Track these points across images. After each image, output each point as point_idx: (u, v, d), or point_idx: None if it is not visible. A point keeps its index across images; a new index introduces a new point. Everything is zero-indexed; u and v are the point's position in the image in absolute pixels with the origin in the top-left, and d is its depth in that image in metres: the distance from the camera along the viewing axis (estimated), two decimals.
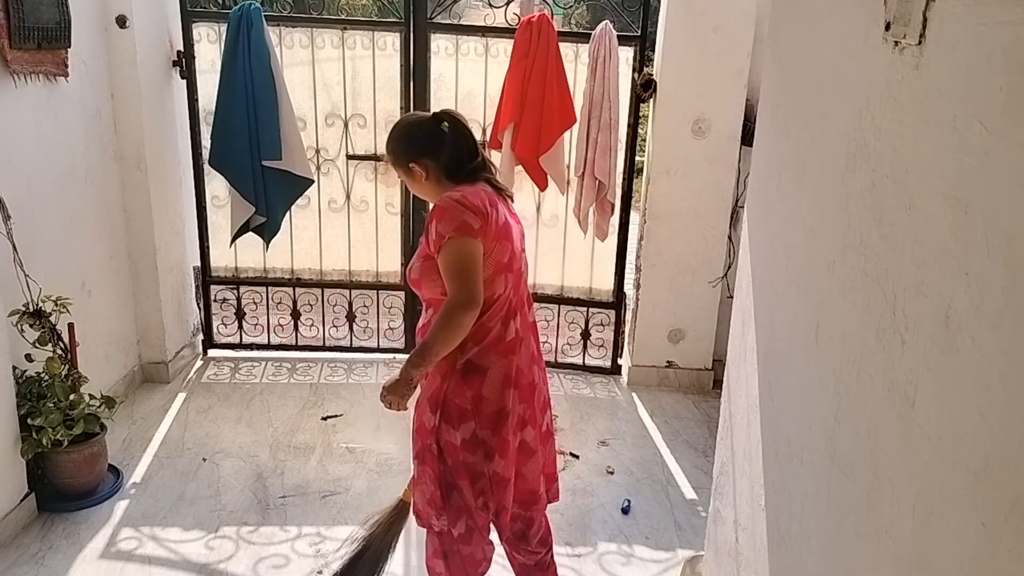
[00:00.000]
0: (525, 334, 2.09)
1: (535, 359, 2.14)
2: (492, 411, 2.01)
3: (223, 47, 3.56)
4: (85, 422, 2.80)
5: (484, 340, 2.00)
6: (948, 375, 1.03)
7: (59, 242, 3.08)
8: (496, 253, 1.95)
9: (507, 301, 2.02)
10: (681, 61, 3.65)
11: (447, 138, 2.01)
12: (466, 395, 2.01)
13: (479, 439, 2.03)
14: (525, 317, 2.10)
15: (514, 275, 2.02)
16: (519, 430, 2.08)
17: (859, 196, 1.34)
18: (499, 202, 2.02)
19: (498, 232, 1.95)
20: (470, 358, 2.00)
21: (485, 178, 2.04)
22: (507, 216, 2.03)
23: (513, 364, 2.03)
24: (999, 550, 0.90)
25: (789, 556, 1.63)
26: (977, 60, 1.00)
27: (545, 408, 2.20)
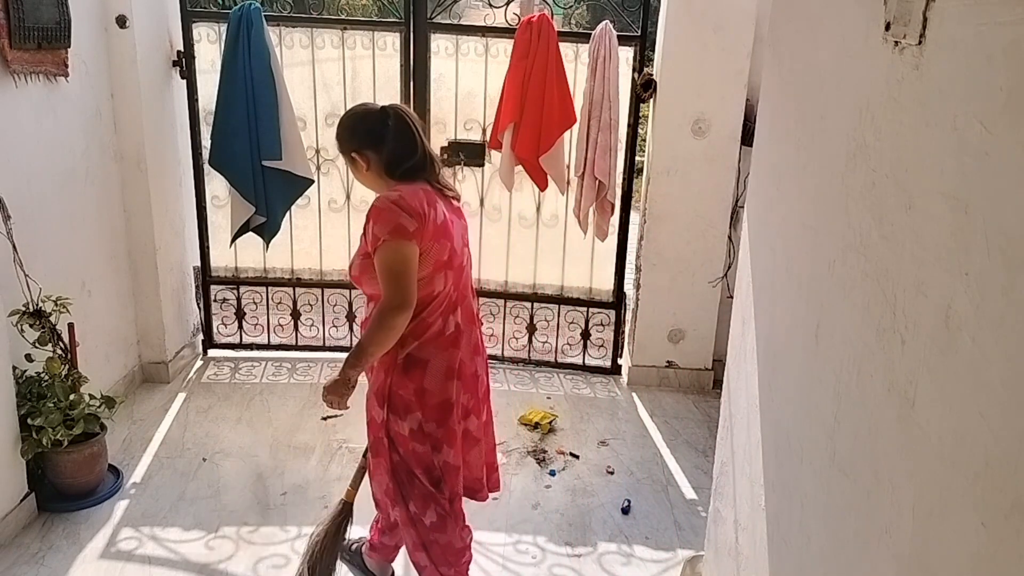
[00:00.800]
0: (467, 327, 2.13)
1: (478, 350, 2.19)
2: (436, 403, 2.07)
3: (223, 47, 3.56)
4: (85, 422, 2.80)
5: (424, 335, 2.04)
6: (948, 375, 1.03)
7: (59, 242, 3.08)
8: (434, 252, 1.98)
9: (447, 297, 2.06)
10: (681, 61, 3.65)
11: (390, 133, 2.03)
12: (409, 388, 2.06)
13: (426, 432, 2.08)
14: (468, 310, 2.15)
15: (455, 271, 2.06)
16: (463, 419, 2.15)
17: (859, 196, 1.34)
18: (439, 200, 2.04)
19: (436, 232, 1.97)
20: (411, 352, 2.05)
21: (425, 177, 2.06)
22: (447, 214, 2.05)
23: (455, 356, 2.08)
24: (999, 550, 0.90)
25: (789, 556, 1.63)
26: (977, 60, 1.00)
27: (487, 398, 2.26)
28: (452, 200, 2.14)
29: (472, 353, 2.15)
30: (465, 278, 2.14)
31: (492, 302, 4.14)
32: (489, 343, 4.19)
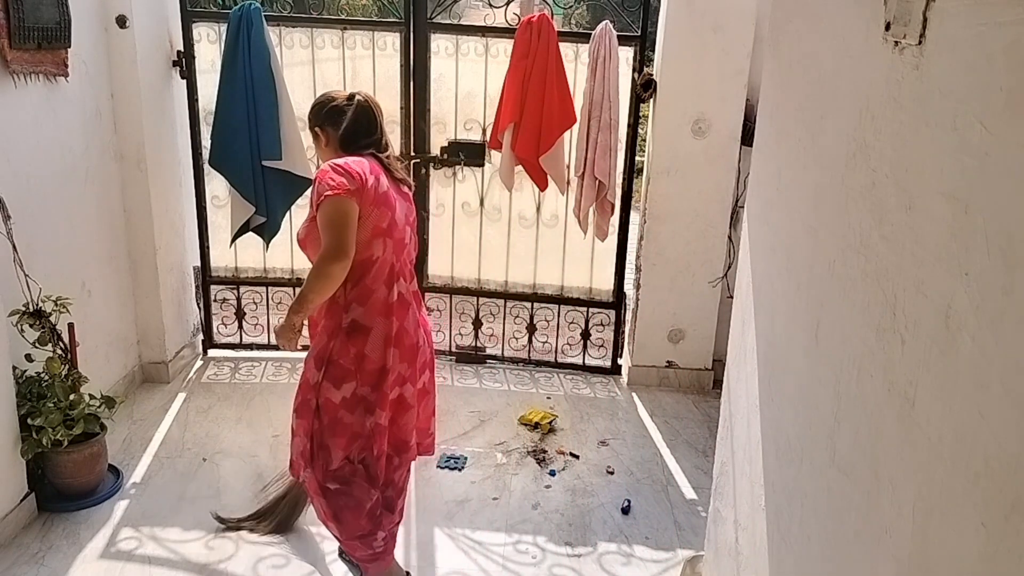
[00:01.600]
0: (409, 298, 2.30)
1: (421, 323, 2.35)
2: (374, 368, 2.21)
3: (223, 47, 3.56)
4: (85, 422, 2.80)
5: (367, 301, 2.19)
6: (948, 375, 1.03)
7: (59, 242, 3.08)
8: (373, 217, 2.14)
9: (388, 264, 2.21)
10: (681, 61, 3.65)
11: (349, 115, 2.25)
12: (350, 354, 2.20)
13: (359, 396, 2.22)
14: (411, 284, 2.32)
15: (395, 242, 2.22)
16: (398, 386, 2.29)
17: (859, 196, 1.34)
18: (383, 175, 2.22)
19: (376, 199, 2.14)
20: (355, 318, 2.19)
21: (374, 154, 2.25)
22: (391, 190, 2.22)
23: (395, 325, 2.22)
24: (999, 550, 0.90)
25: (789, 556, 1.63)
26: (977, 60, 1.00)
27: (425, 369, 2.41)
28: (400, 184, 2.31)
29: (415, 326, 2.31)
30: (407, 255, 2.31)
31: (492, 302, 4.14)
32: (489, 343, 4.20)
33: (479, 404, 3.78)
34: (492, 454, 3.34)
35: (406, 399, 2.32)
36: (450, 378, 4.04)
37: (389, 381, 2.23)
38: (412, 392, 2.33)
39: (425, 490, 3.06)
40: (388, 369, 2.21)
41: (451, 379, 4.04)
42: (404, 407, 2.33)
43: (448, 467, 3.22)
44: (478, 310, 4.16)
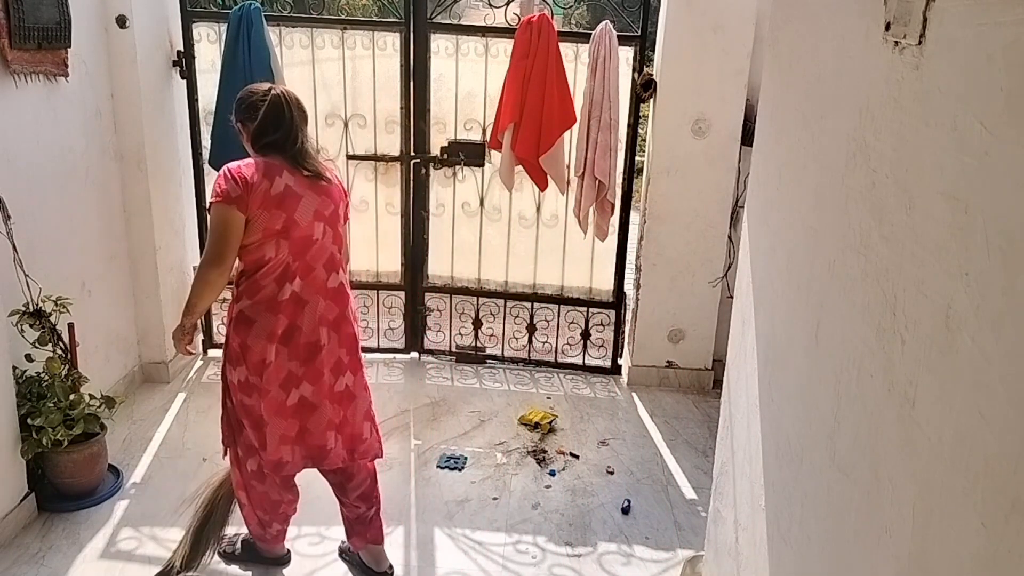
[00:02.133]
0: (312, 298, 2.25)
1: (330, 324, 2.30)
2: (256, 360, 2.24)
3: (223, 47, 3.56)
4: (85, 422, 2.80)
5: (256, 296, 2.22)
6: (948, 375, 1.03)
7: (59, 242, 3.08)
8: (263, 220, 2.15)
9: (282, 264, 2.20)
10: (681, 61, 3.65)
11: (260, 111, 2.22)
12: (236, 341, 2.26)
13: (250, 384, 2.27)
14: (316, 283, 2.26)
15: (292, 243, 2.20)
16: (293, 386, 2.27)
17: (859, 196, 1.34)
18: (288, 175, 2.20)
19: (266, 202, 2.14)
20: (242, 309, 2.24)
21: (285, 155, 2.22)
22: (294, 188, 2.19)
23: (281, 321, 2.22)
24: (999, 550, 0.90)
25: (789, 556, 1.63)
26: (977, 60, 1.00)
27: (340, 371, 2.35)
28: (317, 181, 2.26)
29: (315, 324, 2.26)
30: (316, 252, 2.25)
31: (492, 302, 4.14)
32: (489, 343, 4.20)
33: (479, 404, 3.78)
34: (492, 454, 3.34)
35: (308, 400, 2.30)
36: (450, 378, 4.04)
37: (269, 375, 2.24)
38: (313, 391, 2.30)
39: (425, 490, 3.06)
40: (269, 363, 2.23)
41: (451, 379, 4.04)
42: (308, 409, 2.31)
43: (448, 467, 3.22)
44: (478, 310, 4.16)
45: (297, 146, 2.25)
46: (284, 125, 2.23)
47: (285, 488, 2.46)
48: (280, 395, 2.26)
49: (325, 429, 2.34)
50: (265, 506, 2.46)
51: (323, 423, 2.33)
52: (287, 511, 2.51)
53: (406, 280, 4.12)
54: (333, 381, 2.33)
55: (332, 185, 2.31)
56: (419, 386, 3.94)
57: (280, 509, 2.49)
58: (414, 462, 3.25)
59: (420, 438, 3.45)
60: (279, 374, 2.25)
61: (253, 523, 2.52)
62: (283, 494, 2.46)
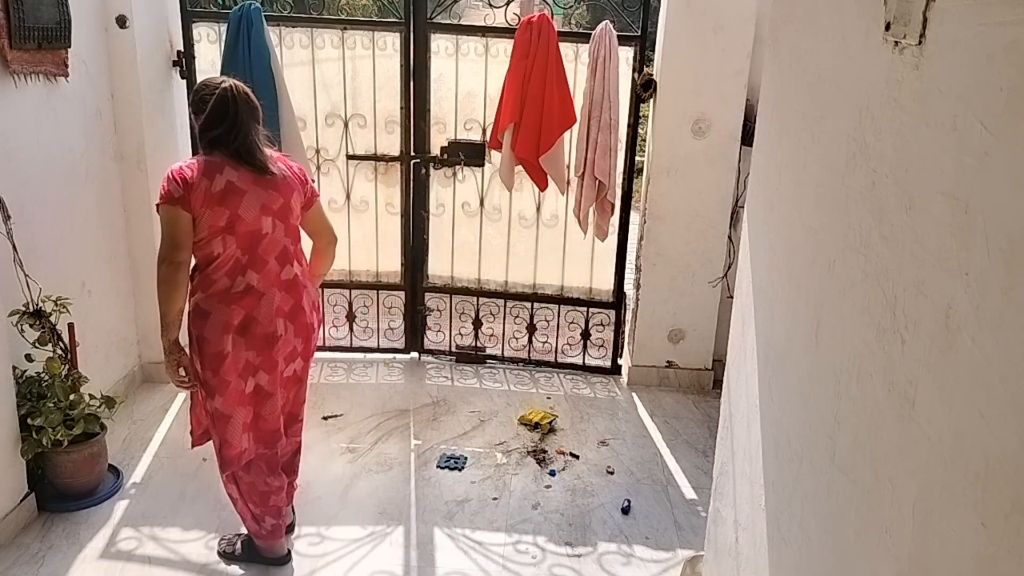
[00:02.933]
0: (268, 290, 2.30)
1: (285, 314, 2.35)
2: (212, 352, 2.28)
3: (223, 47, 3.56)
4: (85, 422, 2.80)
5: (209, 289, 2.27)
6: (948, 375, 1.03)
7: (59, 242, 3.08)
8: (207, 218, 2.21)
9: (232, 259, 2.26)
10: (681, 61, 3.65)
11: (208, 104, 2.26)
12: (193, 334, 2.31)
13: (204, 379, 2.32)
14: (270, 275, 2.30)
15: (239, 237, 2.24)
16: (250, 375, 2.33)
17: (859, 196, 1.34)
18: (229, 171, 2.23)
19: (208, 199, 2.19)
20: (197, 302, 2.29)
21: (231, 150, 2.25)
22: (238, 184, 2.23)
23: (236, 313, 2.27)
24: (999, 550, 0.90)
25: (789, 556, 1.63)
26: (977, 60, 1.00)
27: (292, 358, 2.42)
28: (263, 175, 2.28)
29: (272, 315, 2.31)
30: (267, 245, 2.29)
31: (492, 302, 4.14)
32: (489, 343, 4.20)
33: (479, 404, 3.78)
34: (492, 454, 3.34)
35: (264, 387, 2.37)
36: (450, 378, 4.04)
37: (227, 366, 2.28)
38: (269, 380, 2.36)
39: (425, 490, 3.07)
40: (226, 354, 2.27)
41: (451, 379, 4.04)
42: (264, 396, 2.38)
43: (448, 467, 3.22)
44: (478, 310, 4.16)
45: (240, 141, 2.26)
46: (228, 119, 2.25)
47: (271, 474, 2.49)
48: (239, 384, 2.32)
49: (278, 415, 2.43)
50: (255, 498, 2.50)
51: (276, 410, 2.41)
52: (277, 503, 2.53)
53: (406, 280, 4.12)
54: (284, 367, 2.41)
55: (280, 178, 2.33)
56: (419, 386, 3.94)
57: (270, 501, 2.51)
58: (414, 462, 3.25)
59: (420, 438, 3.45)
60: (237, 364, 2.30)
61: (248, 519, 2.55)
62: (270, 482, 2.49)
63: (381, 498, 2.99)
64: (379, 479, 3.12)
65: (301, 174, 2.44)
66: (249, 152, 2.27)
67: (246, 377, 2.33)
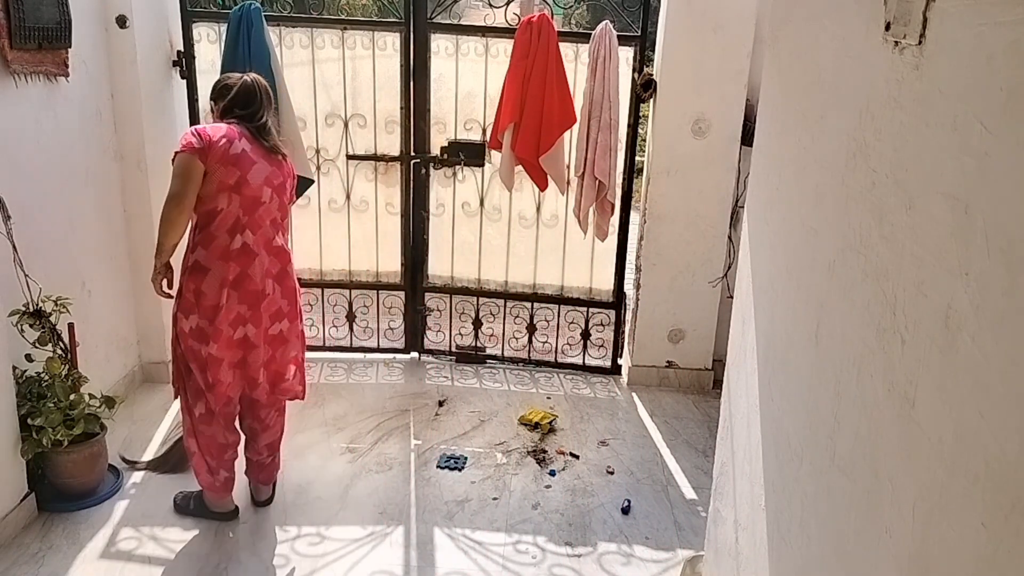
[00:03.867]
0: (260, 251, 2.56)
1: (274, 276, 2.61)
2: (209, 305, 2.52)
3: (223, 47, 3.56)
4: (85, 422, 2.80)
5: (209, 245, 2.52)
6: (948, 375, 1.03)
7: (59, 242, 3.08)
8: (219, 174, 2.46)
9: (233, 216, 2.51)
10: (681, 61, 3.65)
11: (233, 91, 2.59)
12: (191, 288, 2.53)
13: (200, 328, 2.55)
14: (264, 238, 2.57)
15: (243, 198, 2.50)
16: (239, 325, 2.58)
17: (859, 196, 1.34)
18: (246, 141, 2.52)
19: (224, 158, 2.46)
20: (197, 258, 2.53)
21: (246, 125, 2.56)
22: (251, 154, 2.52)
23: (233, 269, 2.52)
24: (999, 550, 0.90)
25: (789, 556, 1.63)
26: (977, 60, 1.00)
27: (279, 318, 2.67)
28: (273, 154, 2.60)
29: (263, 275, 2.57)
30: (263, 211, 2.56)
31: (492, 302, 4.14)
32: (489, 343, 4.20)
33: (479, 404, 3.78)
34: (492, 454, 3.34)
35: (250, 339, 2.61)
36: (450, 378, 4.04)
37: (221, 317, 2.52)
38: (256, 333, 2.61)
39: (425, 490, 3.07)
40: (221, 307, 2.52)
41: (451, 379, 4.04)
42: (250, 346, 2.62)
43: (448, 467, 3.22)
44: (478, 310, 4.16)
45: (260, 120, 2.59)
46: (253, 104, 2.59)
47: (228, 430, 2.73)
48: (230, 332, 2.57)
49: (260, 365, 2.67)
50: (212, 450, 2.71)
51: (259, 360, 2.66)
52: (232, 456, 2.77)
53: (406, 280, 4.12)
54: (270, 325, 2.65)
55: (285, 163, 2.66)
56: (419, 386, 3.94)
57: (226, 454, 2.74)
58: (414, 462, 3.25)
59: (420, 438, 3.45)
60: (229, 315, 2.55)
61: (203, 471, 2.74)
62: (227, 436, 2.73)
63: (381, 498, 2.99)
64: (379, 479, 3.12)
65: (292, 168, 2.75)
66: (266, 131, 2.60)
67: (236, 327, 2.57)
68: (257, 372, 2.67)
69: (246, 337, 2.61)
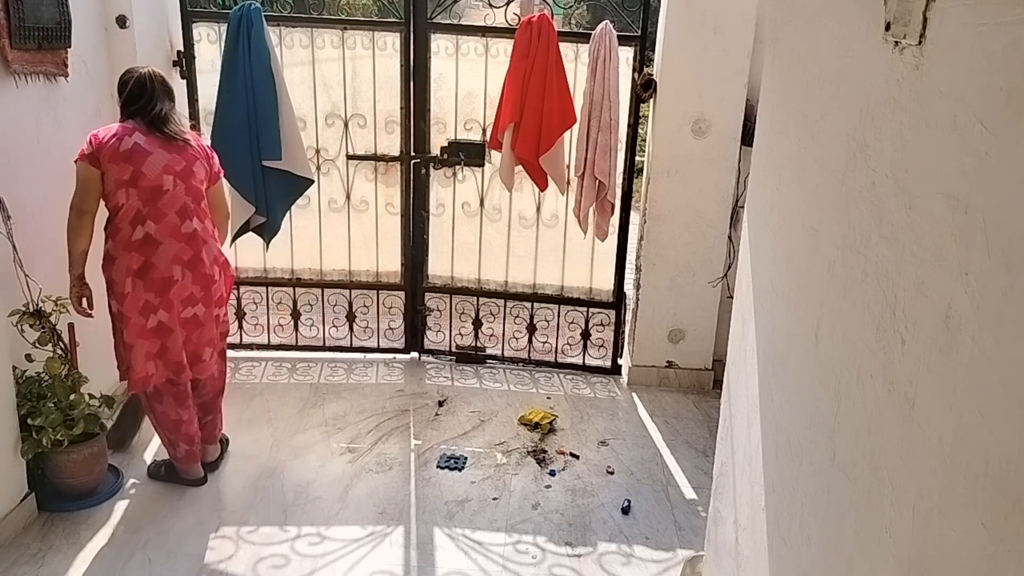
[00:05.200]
0: (165, 240, 2.70)
1: (184, 263, 2.74)
2: (118, 292, 2.71)
3: (223, 47, 3.56)
4: (85, 422, 2.80)
5: (116, 237, 2.69)
6: (948, 375, 1.03)
7: (59, 242, 3.07)
8: (113, 172, 2.64)
9: (133, 209, 2.67)
10: (681, 61, 3.65)
11: (125, 89, 2.74)
12: (106, 276, 2.74)
13: (120, 312, 2.74)
14: (169, 227, 2.70)
15: (140, 191, 2.66)
16: (150, 312, 2.73)
17: (859, 196, 1.34)
18: (138, 135, 2.67)
19: (115, 156, 2.63)
20: (107, 249, 2.72)
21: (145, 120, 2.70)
22: (144, 146, 2.67)
23: (136, 259, 2.68)
24: (999, 550, 0.90)
25: (789, 556, 1.63)
26: (977, 60, 1.00)
27: (192, 302, 2.79)
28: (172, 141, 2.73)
29: (170, 262, 2.71)
30: (167, 201, 2.70)
31: (492, 302, 4.14)
32: (489, 343, 4.20)
33: (479, 404, 3.78)
34: (492, 454, 3.34)
35: (165, 324, 2.76)
36: (450, 378, 4.05)
37: (128, 304, 2.70)
38: (169, 318, 2.75)
39: (425, 490, 3.07)
40: (127, 294, 2.70)
41: (451, 379, 4.04)
42: (164, 331, 2.77)
43: (448, 467, 3.22)
44: (478, 310, 4.16)
45: (153, 112, 2.71)
46: (143, 97, 2.72)
47: (180, 406, 2.88)
48: (140, 320, 2.72)
49: (181, 348, 2.80)
50: (167, 425, 2.89)
51: (179, 344, 2.80)
52: (188, 431, 2.92)
53: (406, 280, 4.12)
54: (182, 309, 2.78)
55: (185, 146, 2.76)
56: (419, 386, 3.94)
57: (181, 429, 2.90)
58: (414, 462, 3.25)
59: (420, 438, 3.45)
60: (136, 303, 2.71)
61: (165, 443, 2.97)
62: (180, 412, 2.88)
63: (381, 498, 2.99)
64: (379, 479, 3.12)
65: (208, 151, 2.89)
66: (161, 121, 2.72)
67: (147, 315, 2.72)
68: (180, 356, 2.81)
69: (160, 324, 2.75)
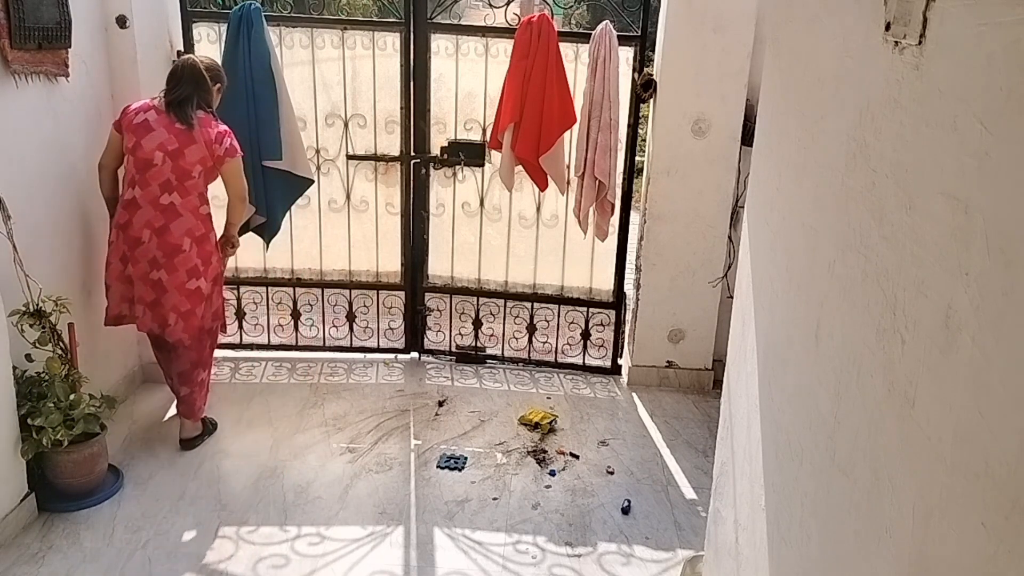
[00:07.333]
0: (144, 205, 3.00)
1: (154, 229, 3.01)
2: (110, 239, 3.11)
3: (223, 47, 3.56)
4: (85, 422, 2.80)
5: (121, 192, 3.10)
6: (948, 375, 1.03)
7: (59, 242, 3.08)
8: (125, 139, 3.01)
9: (131, 173, 3.02)
10: (681, 61, 3.65)
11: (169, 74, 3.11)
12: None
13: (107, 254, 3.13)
14: (150, 195, 2.99)
15: (136, 160, 2.99)
16: (126, 263, 3.06)
17: (859, 196, 1.34)
18: (152, 113, 3.00)
19: (128, 127, 3.00)
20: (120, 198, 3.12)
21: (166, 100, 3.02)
22: (151, 123, 2.99)
23: (123, 215, 3.02)
24: (999, 550, 0.90)
25: (789, 556, 1.63)
26: (977, 60, 1.00)
27: (156, 266, 3.04)
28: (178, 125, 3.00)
29: (143, 225, 3.00)
30: (153, 173, 2.99)
31: (492, 302, 4.14)
32: (489, 343, 4.20)
33: (479, 404, 3.78)
34: (492, 454, 3.34)
35: (130, 276, 3.08)
36: (450, 378, 4.04)
37: (112, 249, 3.08)
38: (133, 271, 3.05)
39: (425, 490, 3.07)
40: (111, 243, 3.08)
41: (451, 379, 4.04)
42: (127, 280, 3.10)
43: (448, 467, 3.22)
44: (478, 310, 4.16)
45: (174, 97, 3.01)
46: (172, 82, 3.05)
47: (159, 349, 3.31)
48: (118, 266, 3.07)
49: (138, 301, 3.09)
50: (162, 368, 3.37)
51: (143, 299, 3.08)
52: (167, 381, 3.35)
53: (406, 280, 4.12)
54: (148, 270, 3.04)
55: (188, 132, 3.00)
56: (419, 386, 3.94)
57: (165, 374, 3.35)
58: (414, 462, 3.26)
59: (420, 438, 3.45)
60: (118, 252, 3.06)
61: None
62: (158, 355, 3.34)
63: (381, 498, 2.99)
64: (379, 479, 3.12)
65: (217, 138, 3.06)
66: (177, 105, 3.01)
67: (125, 264, 3.06)
68: (141, 310, 3.10)
69: (128, 275, 3.08)
